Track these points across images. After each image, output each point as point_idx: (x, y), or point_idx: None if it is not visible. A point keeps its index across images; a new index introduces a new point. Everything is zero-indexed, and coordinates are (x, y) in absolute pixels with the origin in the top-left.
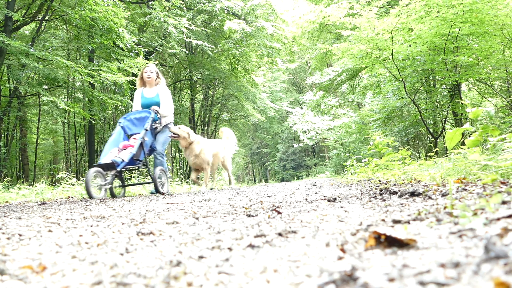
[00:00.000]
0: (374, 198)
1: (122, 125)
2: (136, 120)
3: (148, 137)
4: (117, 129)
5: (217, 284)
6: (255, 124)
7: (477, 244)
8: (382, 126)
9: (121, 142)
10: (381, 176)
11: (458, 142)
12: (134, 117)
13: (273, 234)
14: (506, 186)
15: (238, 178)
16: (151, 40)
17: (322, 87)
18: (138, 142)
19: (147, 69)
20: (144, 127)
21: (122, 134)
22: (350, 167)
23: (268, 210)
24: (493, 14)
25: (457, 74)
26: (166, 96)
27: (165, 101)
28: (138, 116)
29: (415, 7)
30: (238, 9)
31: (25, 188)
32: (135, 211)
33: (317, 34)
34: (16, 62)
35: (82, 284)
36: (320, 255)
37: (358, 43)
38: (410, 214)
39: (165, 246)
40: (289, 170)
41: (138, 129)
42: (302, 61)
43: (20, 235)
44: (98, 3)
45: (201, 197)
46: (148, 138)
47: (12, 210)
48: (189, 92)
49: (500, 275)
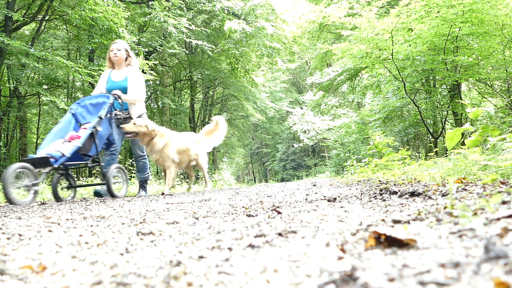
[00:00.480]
0: (374, 198)
1: (73, 112)
2: (92, 107)
3: (105, 127)
4: (66, 117)
5: (217, 284)
6: (255, 124)
7: (477, 244)
8: (382, 126)
9: (69, 133)
10: (381, 176)
11: (458, 142)
12: (89, 102)
13: (273, 234)
14: (506, 186)
15: (238, 178)
16: (151, 40)
17: (322, 87)
18: (86, 133)
19: (113, 47)
20: (98, 115)
21: (72, 123)
22: (350, 167)
23: (268, 210)
24: (493, 14)
25: (457, 74)
26: (136, 80)
27: (133, 85)
28: (94, 102)
29: (415, 7)
30: (238, 9)
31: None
32: (135, 211)
33: (317, 34)
34: (16, 62)
35: (82, 284)
36: (320, 255)
37: (358, 43)
38: (410, 214)
39: (165, 246)
40: (289, 170)
41: (93, 118)
42: (302, 61)
43: (20, 235)
44: (98, 3)
45: (201, 197)
46: (105, 129)
47: (12, 210)
48: (189, 92)
49: (500, 275)
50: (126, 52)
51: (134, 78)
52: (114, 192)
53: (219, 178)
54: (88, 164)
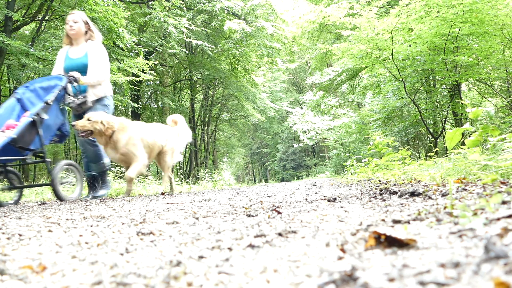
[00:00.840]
0: (374, 198)
1: (19, 97)
2: (42, 91)
3: (54, 115)
4: (9, 102)
5: (217, 284)
6: (255, 124)
7: (477, 244)
8: (382, 126)
9: (7, 121)
10: (381, 176)
11: (458, 142)
12: (40, 85)
13: (273, 234)
14: (506, 186)
15: (238, 178)
16: (151, 40)
17: (322, 87)
18: (24, 122)
19: (69, 18)
20: (44, 100)
21: (16, 109)
22: (350, 167)
23: (268, 210)
24: (493, 14)
25: (457, 74)
26: (98, 57)
27: (94, 63)
28: (46, 85)
29: (415, 7)
30: (238, 9)
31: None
32: (135, 211)
33: (317, 34)
34: (16, 62)
35: (82, 284)
36: (320, 255)
37: (358, 43)
38: (410, 214)
39: (165, 246)
40: (289, 170)
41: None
42: (302, 61)
43: (20, 235)
44: (98, 3)
45: (201, 197)
46: (54, 118)
47: (12, 210)
48: (189, 92)
49: (500, 275)
50: (85, 25)
51: (95, 55)
52: (61, 194)
53: (219, 178)
54: (27, 159)
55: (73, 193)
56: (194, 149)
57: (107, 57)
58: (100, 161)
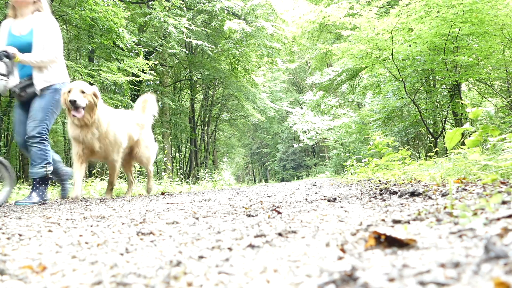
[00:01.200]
0: (374, 198)
1: None
2: None
3: None
4: None
5: (217, 284)
6: (255, 124)
7: (477, 244)
8: (382, 126)
9: None
10: (381, 176)
11: (458, 142)
12: None
13: (273, 234)
14: (506, 186)
15: (238, 178)
16: (151, 40)
17: (322, 87)
18: None
19: None
20: None
21: None
22: (350, 167)
23: (268, 210)
24: (493, 14)
25: (457, 74)
26: (46, 32)
27: (41, 39)
28: None
29: (415, 7)
30: (238, 9)
31: (25, 188)
32: (135, 211)
33: (317, 34)
34: None
35: (82, 284)
36: (320, 255)
37: (358, 43)
38: (410, 214)
39: (165, 246)
40: (289, 170)
41: None
42: (302, 61)
43: (20, 235)
44: (98, 3)
45: (201, 197)
46: None
47: (12, 210)
48: (189, 92)
49: (500, 275)
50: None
51: (42, 28)
52: None
53: (219, 178)
54: None
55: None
56: (194, 149)
57: (58, 32)
58: (42, 162)
